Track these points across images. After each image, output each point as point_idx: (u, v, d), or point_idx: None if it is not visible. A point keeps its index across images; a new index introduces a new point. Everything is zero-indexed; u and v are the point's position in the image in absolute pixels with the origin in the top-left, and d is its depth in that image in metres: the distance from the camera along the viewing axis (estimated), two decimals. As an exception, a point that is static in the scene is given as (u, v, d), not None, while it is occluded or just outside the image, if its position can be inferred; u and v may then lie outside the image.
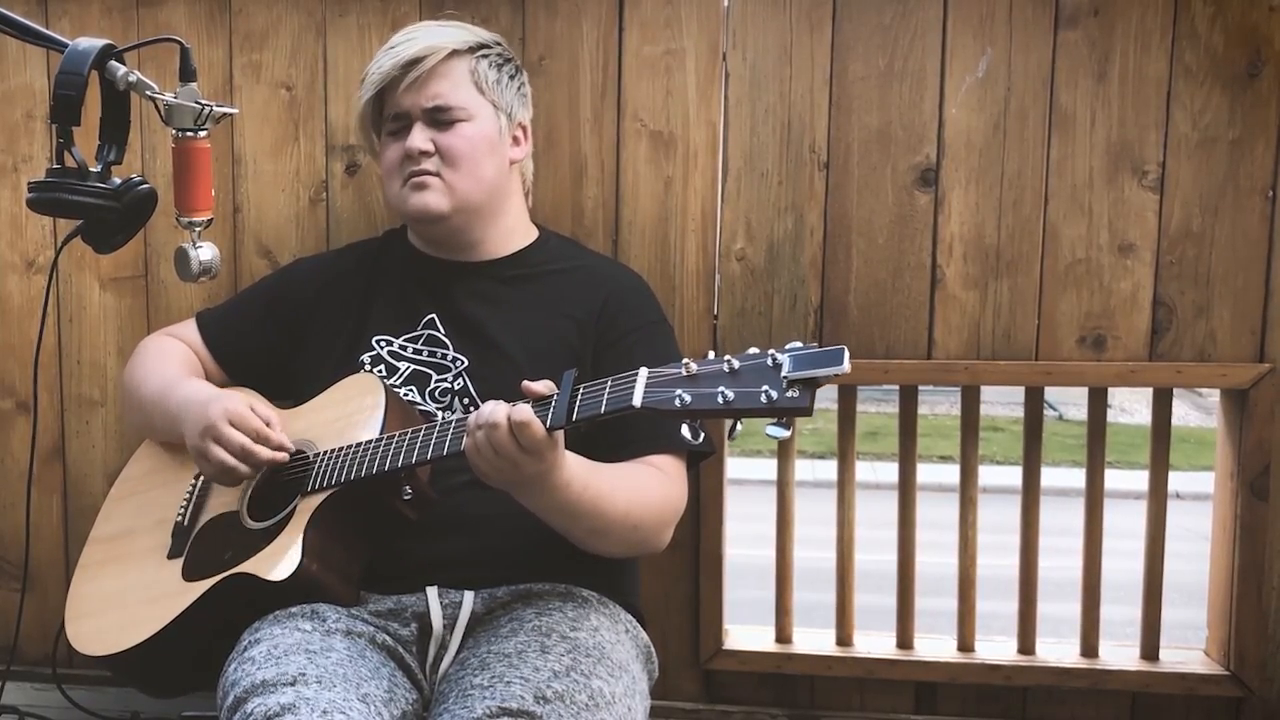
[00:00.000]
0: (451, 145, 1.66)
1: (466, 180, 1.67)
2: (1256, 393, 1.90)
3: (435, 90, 1.66)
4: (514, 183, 1.76)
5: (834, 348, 1.15)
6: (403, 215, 1.74)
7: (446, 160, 1.66)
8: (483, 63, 1.69)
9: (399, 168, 1.68)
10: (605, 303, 1.69)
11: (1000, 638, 2.08)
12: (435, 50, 1.66)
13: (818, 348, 1.17)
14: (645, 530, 1.54)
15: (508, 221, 1.75)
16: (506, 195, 1.74)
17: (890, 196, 1.94)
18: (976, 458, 2.02)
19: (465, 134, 1.66)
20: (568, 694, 1.36)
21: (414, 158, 1.65)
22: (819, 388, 1.16)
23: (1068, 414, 11.57)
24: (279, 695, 1.32)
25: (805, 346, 1.18)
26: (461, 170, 1.66)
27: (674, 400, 1.21)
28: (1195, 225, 1.90)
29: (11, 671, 2.02)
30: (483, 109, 1.68)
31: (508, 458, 1.34)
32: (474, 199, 1.68)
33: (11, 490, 2.18)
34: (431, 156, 1.65)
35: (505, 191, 1.74)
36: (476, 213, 1.70)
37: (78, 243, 1.39)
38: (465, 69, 1.68)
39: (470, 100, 1.67)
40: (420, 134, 1.65)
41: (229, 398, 1.61)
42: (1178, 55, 1.87)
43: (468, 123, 1.67)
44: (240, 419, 1.57)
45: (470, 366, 1.66)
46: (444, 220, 1.69)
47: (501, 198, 1.73)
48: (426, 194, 1.66)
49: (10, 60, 2.10)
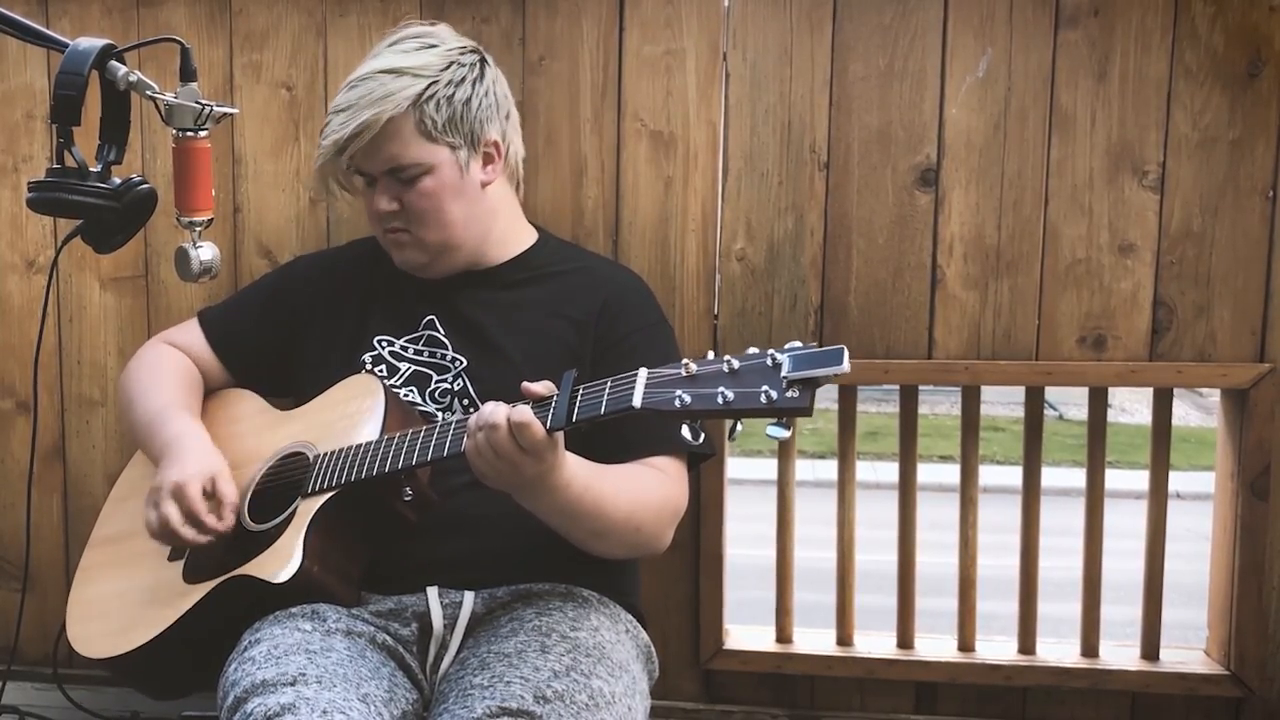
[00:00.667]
0: (413, 204, 1.64)
1: (434, 232, 1.66)
2: (1256, 393, 1.90)
3: (387, 154, 1.62)
4: (495, 198, 1.72)
5: (833, 348, 1.15)
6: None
7: (412, 218, 1.65)
8: (428, 108, 1.61)
9: (376, 220, 1.69)
10: (605, 304, 1.69)
11: (1000, 638, 2.08)
12: (371, 125, 1.58)
13: (817, 348, 1.17)
14: (646, 532, 1.54)
15: (498, 232, 1.73)
16: (489, 212, 1.71)
17: (890, 196, 1.94)
18: (976, 458, 2.02)
19: (426, 189, 1.63)
20: (568, 694, 1.36)
21: (383, 216, 1.66)
22: (819, 388, 1.16)
23: (1068, 414, 11.57)
24: (279, 695, 1.32)
25: (805, 346, 1.18)
26: (428, 225, 1.66)
27: (674, 401, 1.21)
28: (1195, 225, 1.90)
29: (11, 671, 2.02)
30: (438, 155, 1.63)
31: (508, 459, 1.34)
32: (450, 244, 1.68)
33: (11, 490, 2.18)
34: (399, 214, 1.65)
35: (485, 214, 1.70)
36: (458, 247, 1.69)
37: (78, 243, 1.39)
38: (410, 124, 1.61)
39: (423, 153, 1.62)
40: (384, 194, 1.64)
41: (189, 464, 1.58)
42: (1178, 55, 1.87)
43: (428, 175, 1.63)
44: (183, 495, 1.55)
45: (469, 367, 1.66)
46: (426, 268, 1.70)
47: (483, 222, 1.70)
48: (405, 251, 1.69)
49: (10, 60, 2.10)
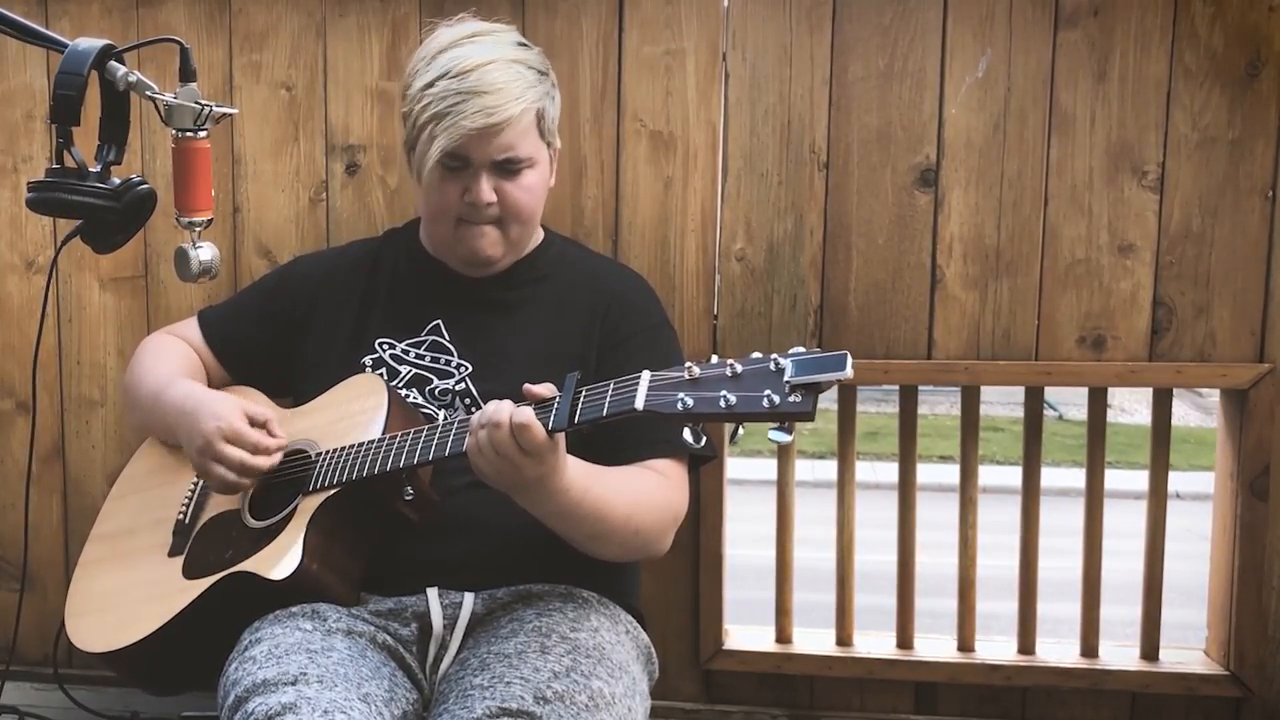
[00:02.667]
0: (516, 199, 1.62)
1: (521, 228, 1.66)
2: (1256, 393, 1.90)
3: (506, 142, 1.58)
4: None
5: (837, 353, 1.15)
6: (448, 252, 1.69)
7: (508, 212, 1.63)
8: (549, 106, 1.64)
9: (455, 204, 1.62)
10: (609, 305, 1.69)
11: (1000, 638, 2.08)
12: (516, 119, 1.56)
13: (821, 352, 1.17)
14: (646, 535, 1.54)
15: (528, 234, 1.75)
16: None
17: (890, 197, 1.94)
18: (976, 458, 2.02)
19: (528, 184, 1.62)
20: (568, 694, 1.36)
21: (480, 208, 1.61)
22: (821, 393, 1.16)
23: (1068, 414, 11.57)
24: (280, 694, 1.32)
25: (808, 351, 1.18)
26: (521, 219, 1.65)
27: (676, 404, 1.21)
28: (1195, 225, 1.90)
29: (11, 671, 2.02)
30: (542, 153, 1.65)
31: (508, 459, 1.34)
32: (524, 242, 1.69)
33: (11, 490, 2.18)
34: (494, 206, 1.62)
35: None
36: (526, 246, 1.71)
37: (77, 243, 1.39)
38: (533, 119, 1.60)
39: (535, 149, 1.62)
40: (487, 184, 1.60)
41: (221, 408, 1.60)
42: (1178, 56, 1.87)
43: (531, 169, 1.62)
44: (236, 435, 1.56)
45: (474, 373, 1.67)
46: (490, 263, 1.68)
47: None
48: (484, 241, 1.64)
49: (10, 60, 2.10)
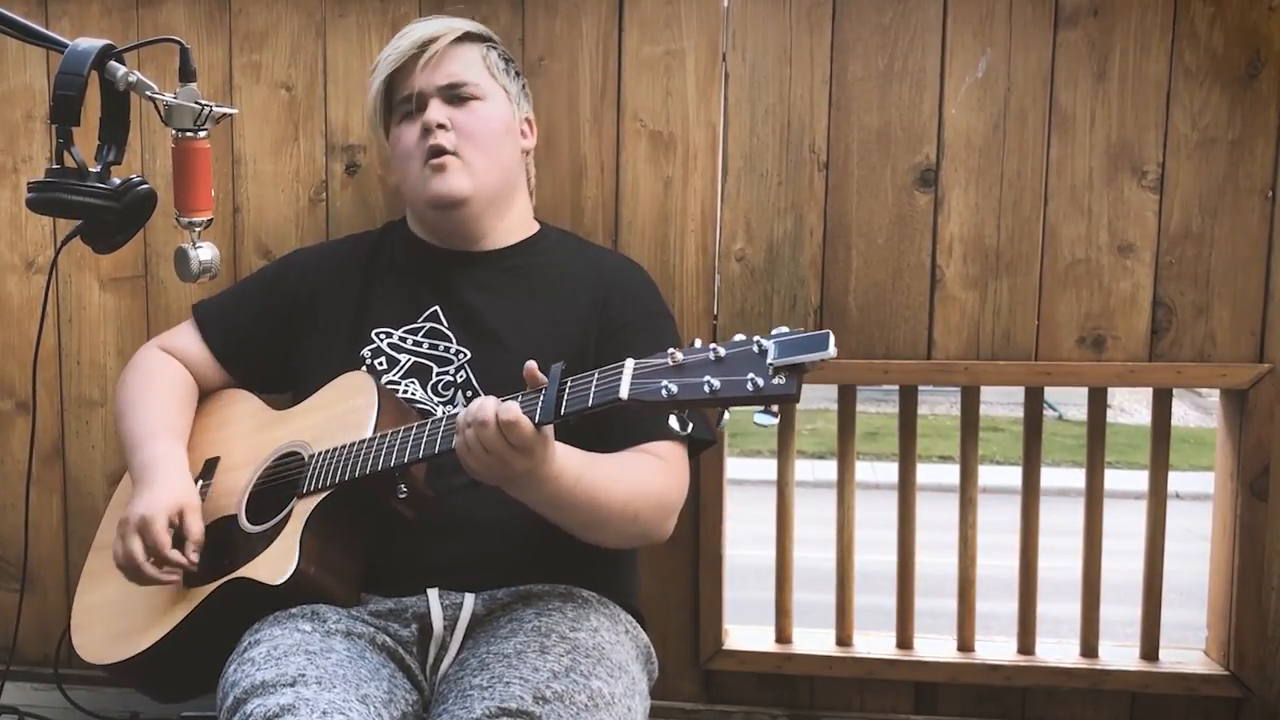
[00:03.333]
0: (468, 122, 1.67)
1: (484, 159, 1.67)
2: (1256, 393, 1.90)
3: (450, 69, 1.68)
4: (522, 176, 1.79)
5: (819, 333, 1.13)
6: (423, 200, 1.70)
7: (463, 136, 1.66)
8: (492, 53, 1.74)
9: (416, 146, 1.67)
10: (608, 293, 1.69)
11: (1000, 638, 2.08)
12: (449, 31, 1.69)
13: (804, 332, 1.15)
14: (644, 520, 1.52)
15: (514, 214, 1.76)
16: (516, 187, 1.76)
17: (890, 197, 1.94)
18: (976, 458, 2.02)
19: (481, 113, 1.68)
20: (567, 694, 1.36)
21: (431, 130, 1.65)
22: (806, 374, 1.14)
23: (1068, 414, 11.58)
24: (279, 696, 1.31)
25: (792, 332, 1.16)
26: (480, 148, 1.67)
27: (660, 391, 1.20)
28: (1195, 225, 1.90)
29: (11, 672, 2.02)
30: (496, 93, 1.71)
31: (498, 455, 1.33)
32: (491, 181, 1.69)
33: (11, 490, 2.18)
34: (449, 131, 1.66)
35: (515, 179, 1.76)
36: (491, 201, 1.70)
37: (77, 243, 1.39)
38: (478, 54, 1.72)
39: (484, 81, 1.70)
40: (438, 109, 1.66)
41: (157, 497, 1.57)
42: (1177, 55, 1.87)
43: (483, 102, 1.69)
44: (147, 529, 1.54)
45: (473, 359, 1.66)
46: (464, 204, 1.67)
47: (512, 189, 1.75)
48: (448, 176, 1.66)
49: (10, 60, 2.10)
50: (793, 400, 1.14)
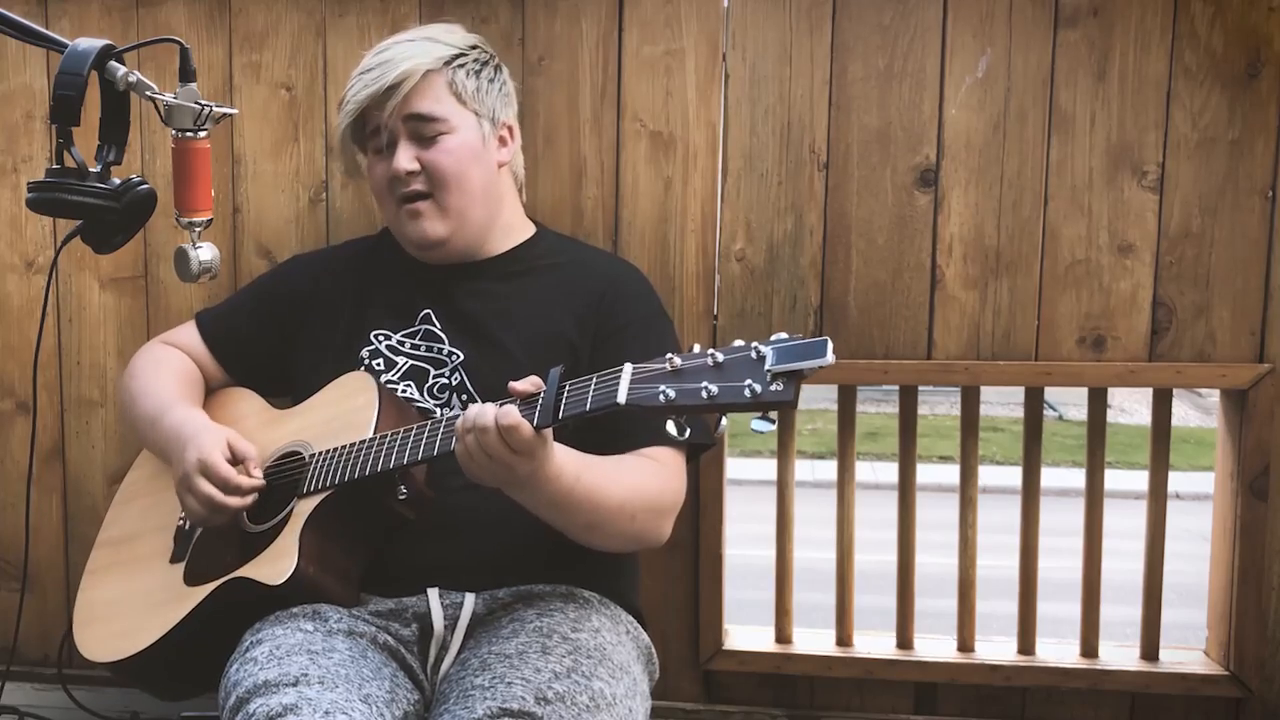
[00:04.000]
0: (436, 161, 1.64)
1: (457, 197, 1.66)
2: (1256, 393, 1.90)
3: (416, 106, 1.64)
4: (505, 183, 1.75)
5: (817, 339, 1.14)
6: (401, 239, 1.72)
7: (434, 178, 1.65)
8: (459, 73, 1.67)
9: (389, 189, 1.67)
10: (603, 295, 1.69)
11: (1000, 638, 2.08)
12: (410, 74, 1.63)
13: (802, 339, 1.15)
14: (642, 522, 1.52)
15: (502, 222, 1.75)
16: (499, 198, 1.73)
17: (890, 197, 1.94)
18: (976, 458, 2.02)
19: (448, 147, 1.65)
20: (569, 695, 1.36)
21: (401, 179, 1.64)
22: (804, 380, 1.15)
23: (1068, 414, 11.59)
24: (281, 696, 1.32)
25: (790, 338, 1.16)
26: (449, 187, 1.65)
27: (658, 396, 1.20)
28: (1195, 225, 1.90)
29: (11, 672, 2.02)
30: (464, 119, 1.66)
31: (499, 460, 1.33)
32: (468, 215, 1.68)
33: (11, 490, 2.18)
34: (419, 175, 1.64)
35: (497, 195, 1.73)
36: (473, 222, 1.69)
37: (77, 243, 1.39)
38: (443, 83, 1.65)
39: (451, 112, 1.65)
40: (405, 153, 1.64)
41: (205, 440, 1.59)
42: (1177, 55, 1.87)
43: (450, 135, 1.65)
44: (210, 469, 1.56)
45: (466, 361, 1.66)
46: (443, 244, 1.68)
47: (495, 202, 1.72)
48: (423, 222, 1.66)
49: (10, 60, 2.10)
50: (790, 407, 1.15)
